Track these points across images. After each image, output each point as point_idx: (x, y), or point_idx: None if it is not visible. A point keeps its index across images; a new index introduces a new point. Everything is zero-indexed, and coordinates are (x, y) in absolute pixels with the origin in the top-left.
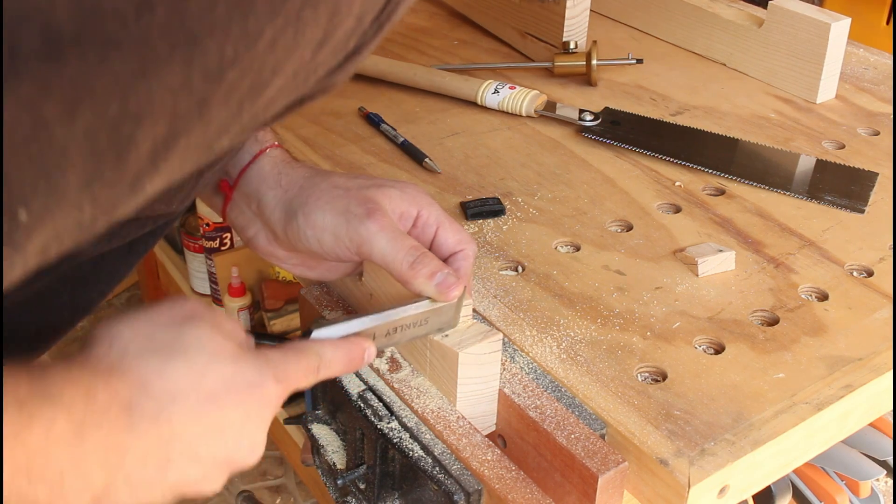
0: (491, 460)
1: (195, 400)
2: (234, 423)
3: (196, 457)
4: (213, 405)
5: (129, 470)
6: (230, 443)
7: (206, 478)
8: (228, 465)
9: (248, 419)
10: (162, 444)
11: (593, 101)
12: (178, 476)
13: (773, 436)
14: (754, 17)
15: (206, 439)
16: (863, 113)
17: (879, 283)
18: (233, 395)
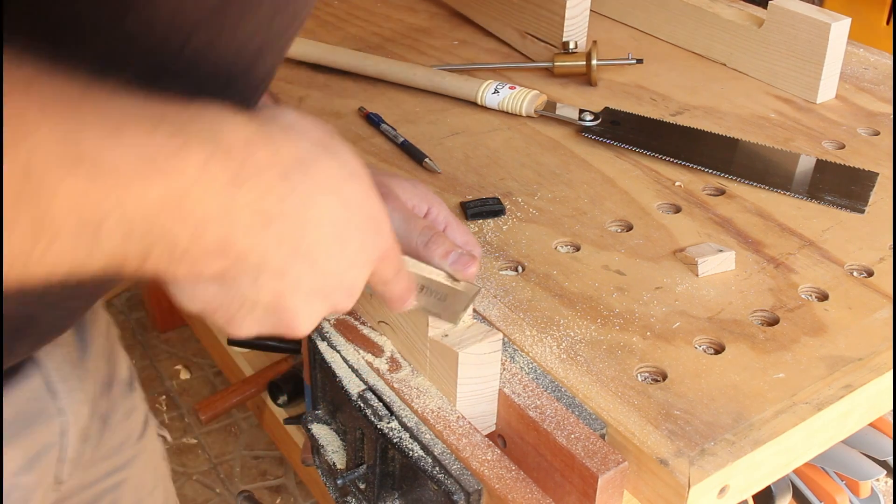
0: (491, 460)
1: (333, 203)
2: (352, 251)
3: (313, 265)
4: (345, 215)
5: (268, 243)
6: (340, 269)
7: (305, 301)
8: (328, 296)
9: (361, 253)
10: (304, 231)
11: (593, 101)
12: (288, 281)
13: (773, 436)
14: (754, 17)
15: (325, 250)
16: (863, 113)
17: (879, 283)
18: (360, 220)
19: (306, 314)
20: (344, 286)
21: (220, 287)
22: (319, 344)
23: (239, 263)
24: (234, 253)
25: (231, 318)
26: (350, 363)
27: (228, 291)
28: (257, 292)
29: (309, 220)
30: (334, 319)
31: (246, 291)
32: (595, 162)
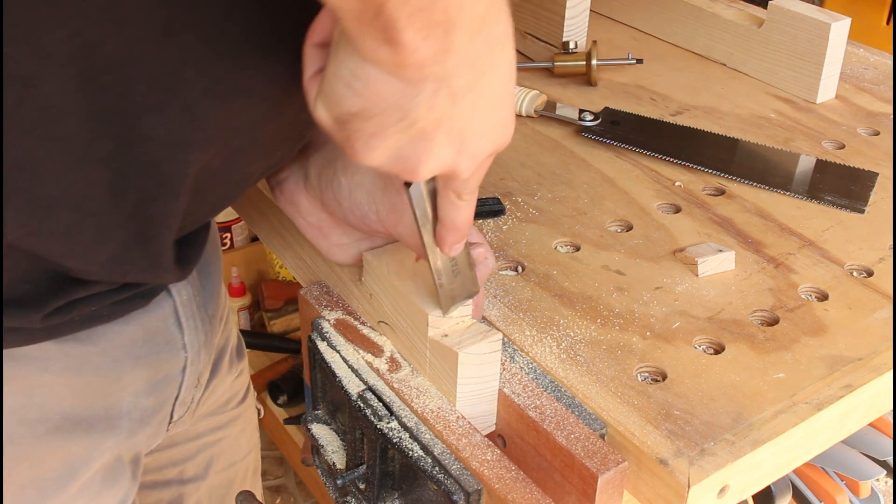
0: (491, 460)
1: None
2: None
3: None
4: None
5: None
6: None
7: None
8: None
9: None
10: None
11: (593, 101)
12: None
13: (773, 436)
14: (754, 17)
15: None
16: (863, 113)
17: (879, 283)
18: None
19: (437, 157)
20: (478, 146)
21: (400, 86)
22: (319, 344)
23: (441, 61)
24: (448, 44)
25: (374, 134)
26: (350, 363)
27: (404, 94)
28: (426, 110)
29: (495, 61)
30: (334, 319)
31: (419, 102)
32: (595, 162)
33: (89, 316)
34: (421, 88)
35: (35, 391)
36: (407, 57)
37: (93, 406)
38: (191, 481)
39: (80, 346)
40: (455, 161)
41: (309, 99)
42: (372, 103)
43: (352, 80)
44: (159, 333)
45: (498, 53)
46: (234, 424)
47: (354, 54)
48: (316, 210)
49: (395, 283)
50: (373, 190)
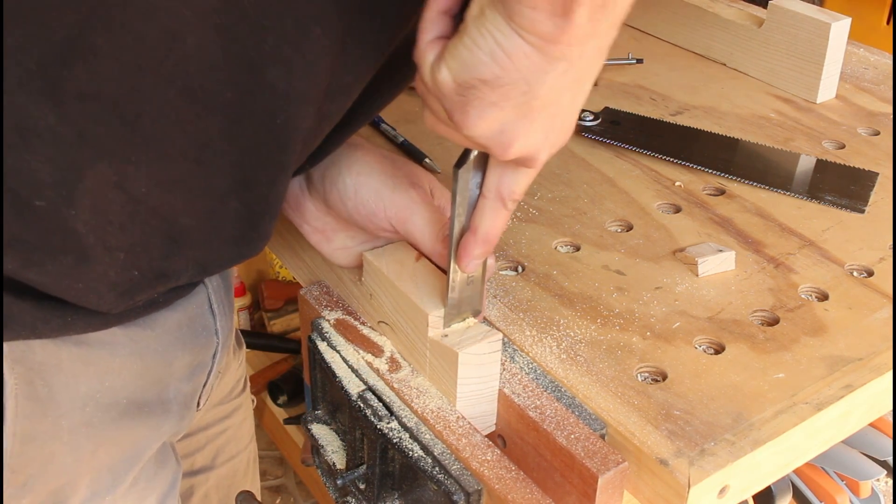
0: (491, 460)
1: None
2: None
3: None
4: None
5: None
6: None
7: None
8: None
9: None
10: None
11: (593, 101)
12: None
13: (773, 436)
14: (754, 17)
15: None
16: (863, 113)
17: (879, 283)
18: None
19: (530, 138)
20: (558, 137)
21: (540, 62)
22: (319, 344)
23: (586, 42)
24: (597, 27)
25: (493, 104)
26: (350, 363)
27: (539, 69)
28: (549, 88)
29: (604, 55)
30: (334, 319)
31: (546, 80)
32: (595, 162)
33: (151, 302)
34: (555, 66)
35: (106, 376)
36: (569, 33)
37: (149, 391)
38: (200, 472)
39: (141, 331)
40: (539, 147)
41: (424, 62)
42: (506, 73)
43: (495, 48)
44: (198, 320)
45: (607, 48)
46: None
47: (505, 24)
48: (321, 214)
49: (395, 283)
50: (380, 189)
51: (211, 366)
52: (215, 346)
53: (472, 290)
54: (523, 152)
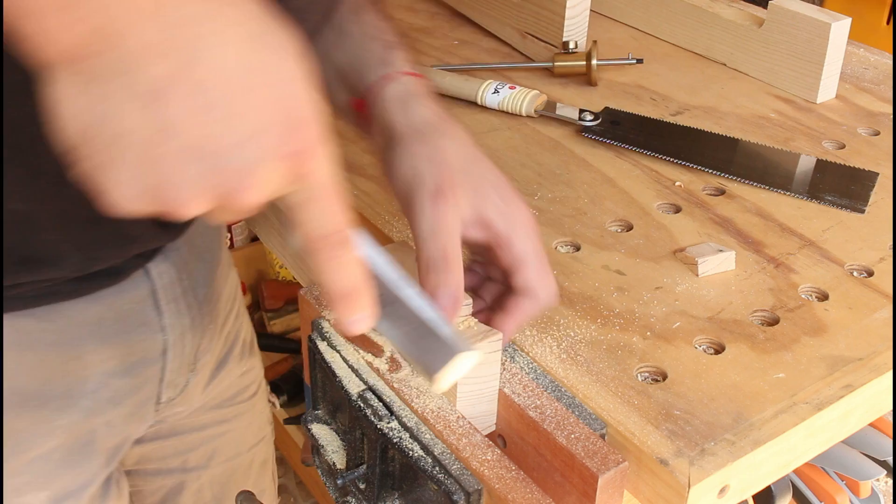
0: (491, 460)
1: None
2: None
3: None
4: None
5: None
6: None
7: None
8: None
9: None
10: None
11: (593, 101)
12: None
13: (773, 436)
14: (754, 17)
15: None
16: (863, 113)
17: (879, 283)
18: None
19: (187, 181)
20: (232, 161)
21: (87, 94)
22: (319, 344)
23: (103, 49)
24: (101, 24)
25: (103, 165)
26: (350, 363)
27: (95, 102)
28: (131, 115)
29: (209, 48)
30: (334, 319)
31: (115, 110)
32: (595, 162)
33: (46, 292)
34: (108, 91)
35: None
36: (52, 46)
37: (50, 383)
38: (193, 470)
39: (35, 323)
40: (216, 184)
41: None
42: (75, 124)
43: (51, 105)
44: (132, 315)
45: (216, 30)
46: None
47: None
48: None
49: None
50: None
51: (163, 361)
52: (163, 343)
53: (417, 329)
54: (200, 202)
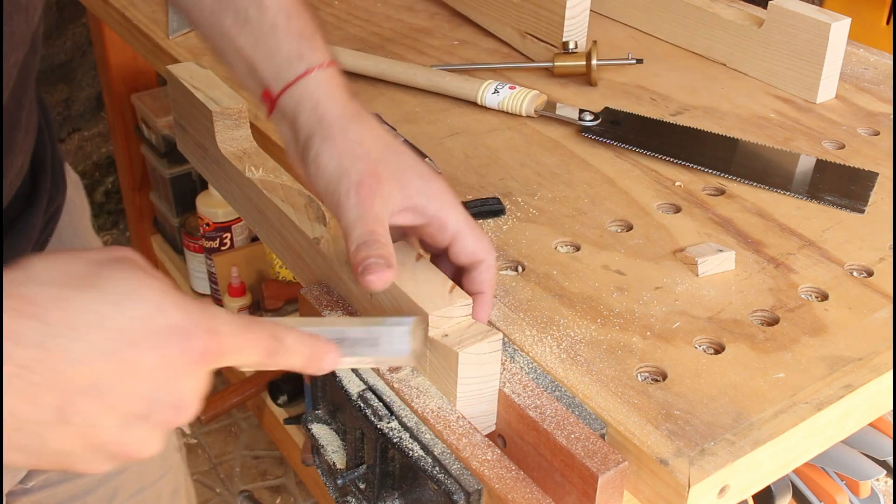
0: (491, 460)
1: (101, 336)
2: (150, 368)
3: (102, 398)
4: (123, 343)
5: (17, 405)
6: (146, 389)
7: (125, 428)
8: (149, 417)
9: (167, 367)
10: (58, 378)
11: (593, 101)
12: (84, 419)
13: (773, 436)
14: (754, 17)
15: (113, 379)
16: (863, 113)
17: (879, 283)
18: (150, 336)
19: (138, 440)
20: (162, 403)
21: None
22: None
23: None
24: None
25: (70, 466)
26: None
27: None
28: (58, 441)
29: (60, 364)
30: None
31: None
32: (595, 162)
33: None
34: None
35: None
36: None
37: None
38: None
39: None
40: (163, 422)
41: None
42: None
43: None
44: None
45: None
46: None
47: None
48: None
49: (396, 283)
50: (330, 183)
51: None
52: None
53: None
54: (147, 454)
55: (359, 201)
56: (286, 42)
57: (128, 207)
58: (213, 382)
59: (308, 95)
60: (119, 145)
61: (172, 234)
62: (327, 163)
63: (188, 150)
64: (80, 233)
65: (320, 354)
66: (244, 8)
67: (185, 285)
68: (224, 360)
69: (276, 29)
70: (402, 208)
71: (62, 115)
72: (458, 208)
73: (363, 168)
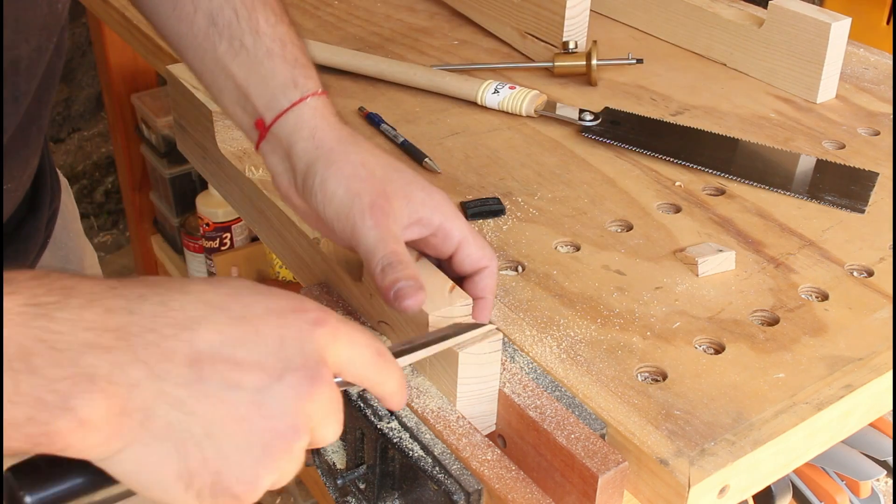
0: (491, 460)
1: (215, 296)
2: (273, 328)
3: (233, 356)
4: (239, 304)
5: (154, 364)
6: (272, 349)
7: (262, 393)
8: (283, 379)
9: (287, 328)
10: (184, 334)
11: (593, 101)
12: (220, 381)
13: (773, 436)
14: (754, 17)
15: (237, 339)
16: (863, 113)
17: (879, 283)
18: (261, 300)
19: (280, 409)
20: (294, 364)
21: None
22: None
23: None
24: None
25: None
26: None
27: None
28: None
29: (188, 333)
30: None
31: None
32: (595, 162)
33: None
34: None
35: None
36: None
37: None
38: None
39: None
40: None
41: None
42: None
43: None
44: None
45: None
46: None
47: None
48: (308, 208)
49: None
50: (340, 209)
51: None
52: None
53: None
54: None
55: (375, 223)
56: (281, 69)
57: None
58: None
59: (304, 122)
60: (119, 145)
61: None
62: (335, 188)
63: (188, 150)
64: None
65: (405, 388)
66: (240, 34)
67: None
68: (340, 342)
69: (272, 55)
70: (410, 223)
71: (62, 115)
72: (460, 218)
73: (372, 189)
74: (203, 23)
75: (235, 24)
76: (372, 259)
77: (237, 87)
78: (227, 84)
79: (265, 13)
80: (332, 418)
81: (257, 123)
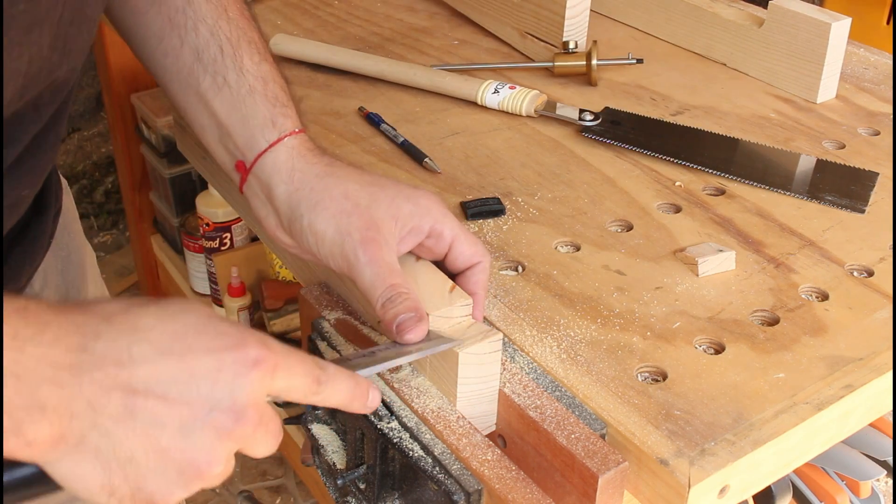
0: (491, 460)
1: (161, 337)
2: (207, 370)
3: (164, 396)
4: (180, 345)
5: (93, 395)
6: (204, 391)
7: (186, 433)
8: (207, 421)
9: (223, 370)
10: (123, 373)
11: (593, 101)
12: (148, 417)
13: (774, 436)
14: (754, 17)
15: (173, 379)
16: (863, 113)
17: (879, 283)
18: (204, 340)
19: (200, 447)
20: (222, 402)
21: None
22: (319, 344)
23: (72, 428)
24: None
25: (141, 484)
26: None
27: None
28: (127, 441)
29: (125, 357)
30: (334, 319)
31: (117, 443)
32: (595, 162)
33: None
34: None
35: None
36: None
37: None
38: None
39: None
40: (220, 427)
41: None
42: (98, 481)
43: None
44: None
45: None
46: None
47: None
48: (299, 246)
49: None
50: (333, 247)
51: None
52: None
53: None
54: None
55: (369, 259)
56: (262, 107)
57: (128, 207)
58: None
59: (281, 164)
60: (119, 145)
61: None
62: (324, 229)
63: (188, 150)
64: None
65: (363, 391)
66: (223, 71)
67: (185, 285)
68: (278, 377)
69: (254, 93)
70: (402, 237)
71: None
72: (450, 216)
73: (360, 223)
74: (189, 58)
75: (220, 60)
76: (372, 296)
77: (219, 125)
78: (209, 122)
79: (250, 51)
80: (259, 443)
81: (237, 165)
